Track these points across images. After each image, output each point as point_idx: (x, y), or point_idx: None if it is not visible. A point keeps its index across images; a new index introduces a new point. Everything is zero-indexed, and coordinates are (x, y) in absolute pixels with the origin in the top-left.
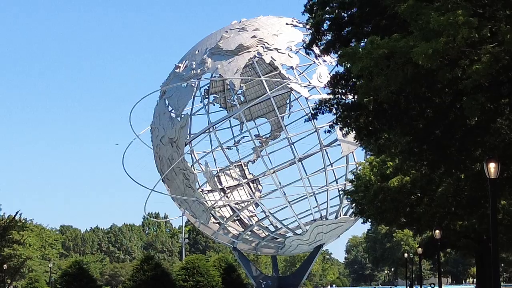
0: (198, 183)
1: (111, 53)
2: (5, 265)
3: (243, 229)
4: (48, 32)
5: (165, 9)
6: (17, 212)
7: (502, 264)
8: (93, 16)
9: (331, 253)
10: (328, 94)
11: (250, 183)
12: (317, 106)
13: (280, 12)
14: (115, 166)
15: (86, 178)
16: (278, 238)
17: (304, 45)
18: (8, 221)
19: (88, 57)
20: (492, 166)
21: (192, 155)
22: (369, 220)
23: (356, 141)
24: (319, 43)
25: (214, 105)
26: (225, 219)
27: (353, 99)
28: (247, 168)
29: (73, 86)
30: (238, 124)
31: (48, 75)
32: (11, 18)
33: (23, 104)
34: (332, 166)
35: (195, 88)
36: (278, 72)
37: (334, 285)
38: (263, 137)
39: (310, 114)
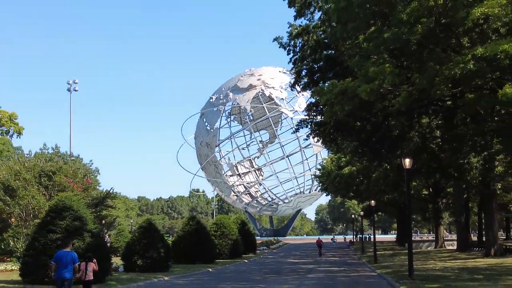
0: (224, 170)
1: (172, 89)
2: (103, 221)
3: (251, 199)
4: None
5: (202, 62)
6: (111, 188)
7: (414, 222)
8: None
9: (306, 214)
10: (305, 116)
11: (256, 171)
12: (299, 123)
13: (275, 62)
14: (173, 159)
15: (156, 165)
16: (273, 205)
17: (290, 85)
18: (105, 193)
19: (156, 90)
20: (407, 161)
21: (220, 153)
22: (330, 194)
23: (323, 145)
24: (299, 84)
25: (234, 122)
26: (240, 193)
27: (321, 119)
28: (254, 161)
29: (154, 109)
30: (249, 134)
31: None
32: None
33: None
34: (307, 160)
35: (222, 112)
36: (274, 101)
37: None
38: (264, 142)
39: (294, 128)
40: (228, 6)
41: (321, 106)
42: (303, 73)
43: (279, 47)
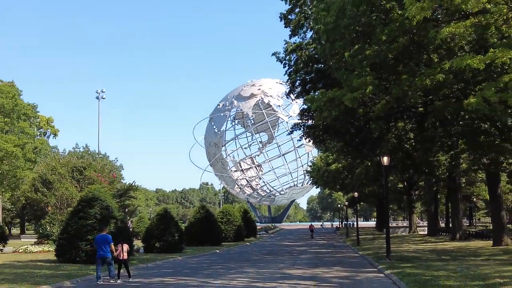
0: (229, 167)
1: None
2: (126, 209)
3: (252, 191)
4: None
5: (211, 74)
6: (133, 181)
7: (391, 211)
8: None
9: (299, 204)
10: (299, 120)
11: (257, 167)
12: (293, 126)
13: (273, 74)
14: (186, 157)
15: (172, 162)
16: (271, 196)
17: (285, 94)
18: (128, 186)
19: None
20: (385, 159)
21: (226, 152)
22: (320, 186)
23: (313, 145)
24: (293, 92)
25: (237, 125)
26: (243, 186)
27: (312, 123)
28: (255, 158)
29: (170, 113)
30: (250, 135)
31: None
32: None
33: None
34: (300, 158)
35: (227, 116)
36: (272, 108)
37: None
38: (264, 142)
39: (289, 131)
40: (233, 26)
41: (312, 112)
42: (297, 83)
43: (277, 60)
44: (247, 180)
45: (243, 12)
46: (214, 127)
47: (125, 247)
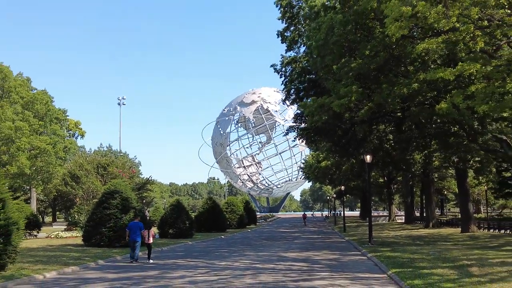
0: (233, 163)
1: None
2: (144, 200)
3: (253, 185)
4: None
5: (218, 82)
6: (150, 176)
7: (373, 202)
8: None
9: (293, 196)
10: (293, 123)
11: (257, 164)
12: (288, 129)
13: (271, 83)
14: (196, 154)
15: (183, 159)
16: (269, 189)
17: (282, 100)
18: (145, 180)
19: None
20: (368, 157)
21: (230, 151)
22: (311, 181)
23: (306, 145)
24: (289, 99)
25: (240, 128)
26: (245, 180)
27: (304, 126)
28: (255, 157)
29: (183, 116)
30: (251, 137)
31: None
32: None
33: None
34: (294, 156)
35: (231, 120)
36: (270, 113)
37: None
38: (263, 143)
39: (284, 132)
40: (236, 44)
41: (305, 116)
42: (292, 91)
43: (274, 71)
44: (248, 176)
45: (247, 31)
46: (220, 129)
47: (151, 232)
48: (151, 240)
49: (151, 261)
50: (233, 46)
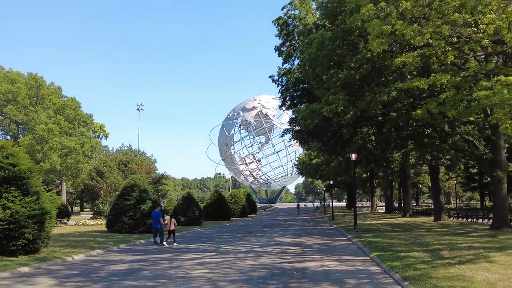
0: (236, 161)
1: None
2: (159, 193)
3: (254, 180)
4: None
5: (223, 90)
6: (164, 172)
7: (357, 195)
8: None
9: (289, 189)
10: (288, 126)
11: (257, 161)
12: (284, 131)
13: (269, 91)
14: (205, 153)
15: (194, 156)
16: (268, 183)
17: (279, 106)
18: (161, 175)
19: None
20: (353, 155)
21: (233, 150)
22: (304, 176)
23: (300, 145)
24: (285, 105)
25: (243, 130)
26: (246, 175)
27: (298, 128)
28: (256, 155)
29: (193, 118)
30: (252, 138)
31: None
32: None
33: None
34: (290, 155)
35: (235, 123)
36: (268, 117)
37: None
38: (262, 143)
39: (281, 134)
40: (237, 57)
41: (299, 120)
42: (287, 99)
43: (272, 81)
44: (249, 171)
45: (250, 47)
46: (225, 131)
47: (172, 221)
48: (172, 227)
49: (175, 244)
50: (238, 59)
